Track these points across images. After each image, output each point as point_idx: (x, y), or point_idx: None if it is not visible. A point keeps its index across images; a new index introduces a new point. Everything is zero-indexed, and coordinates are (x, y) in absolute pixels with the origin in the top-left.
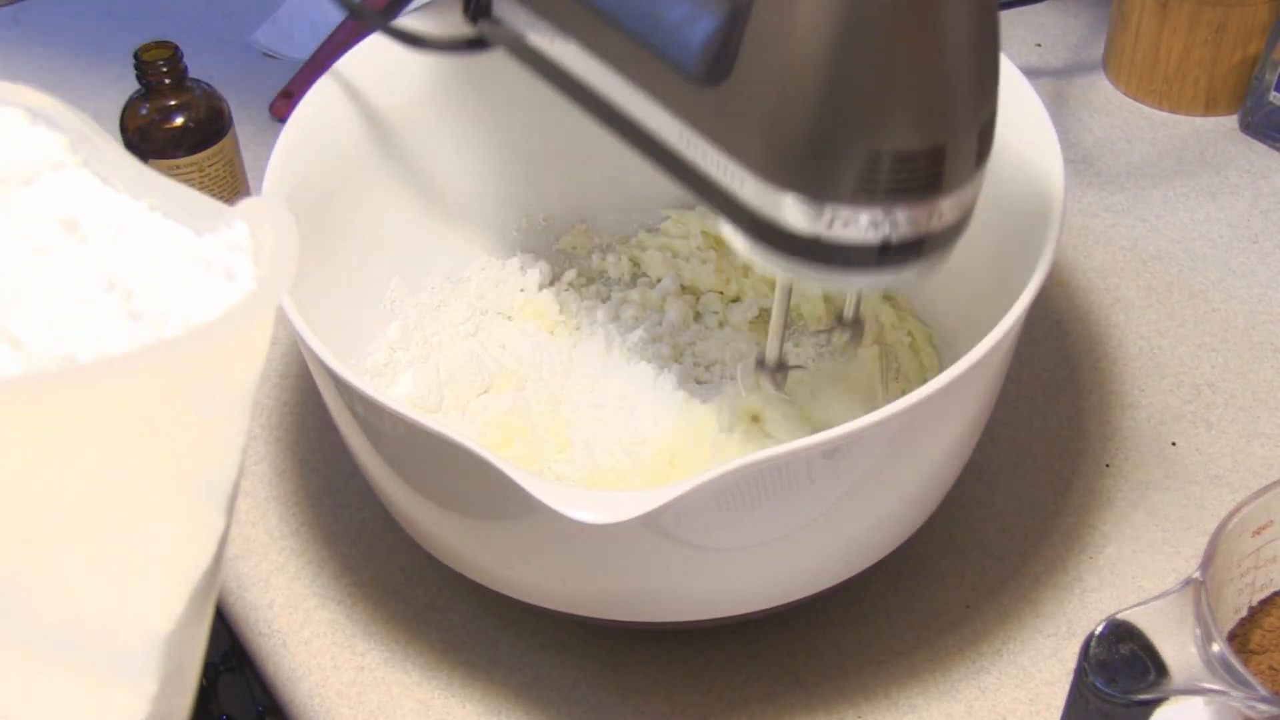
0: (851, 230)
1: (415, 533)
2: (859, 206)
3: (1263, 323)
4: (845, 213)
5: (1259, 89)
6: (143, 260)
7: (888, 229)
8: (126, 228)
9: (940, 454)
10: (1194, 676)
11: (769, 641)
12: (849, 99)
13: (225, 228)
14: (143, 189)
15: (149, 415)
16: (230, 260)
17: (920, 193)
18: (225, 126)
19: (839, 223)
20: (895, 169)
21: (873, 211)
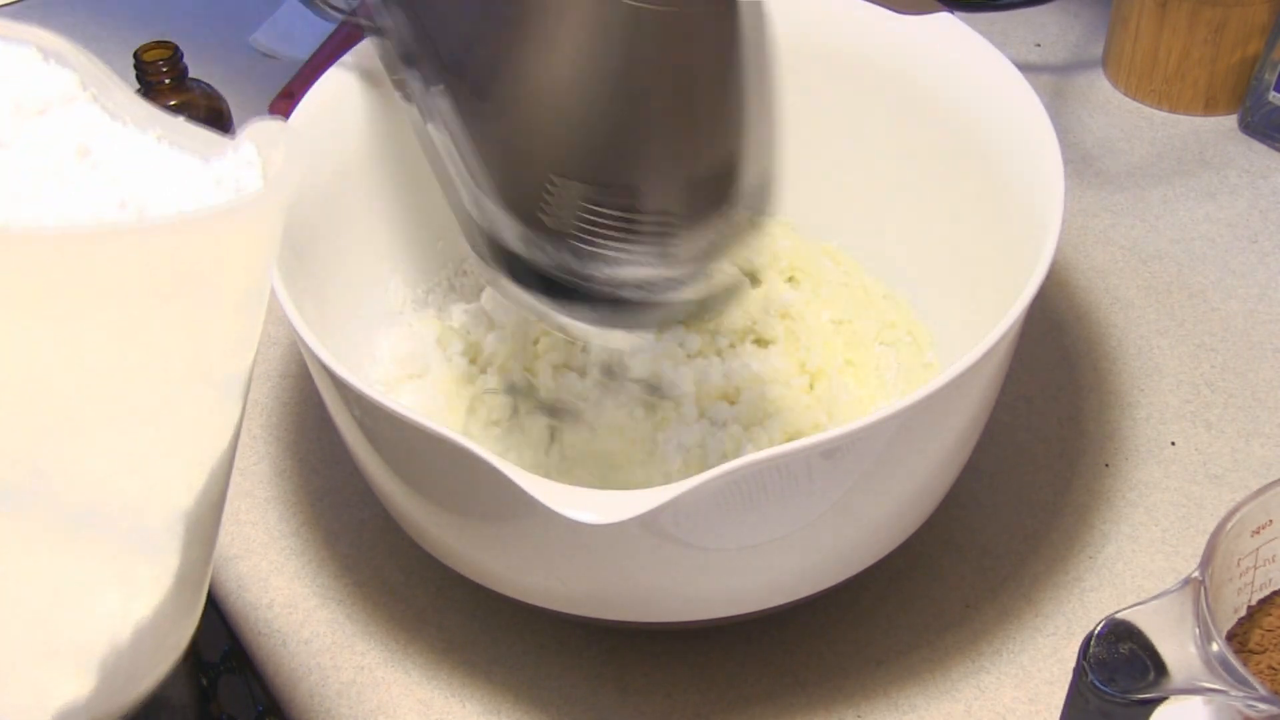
0: (544, 256)
1: (415, 533)
2: (543, 234)
3: (1262, 322)
4: (538, 236)
5: (1258, 89)
6: (153, 182)
7: (575, 265)
8: (136, 155)
9: (940, 454)
10: (1193, 676)
11: (769, 641)
12: (540, 122)
13: (233, 152)
14: (149, 122)
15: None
16: (240, 175)
17: (608, 234)
18: (225, 127)
19: (534, 245)
20: (584, 204)
21: (559, 242)
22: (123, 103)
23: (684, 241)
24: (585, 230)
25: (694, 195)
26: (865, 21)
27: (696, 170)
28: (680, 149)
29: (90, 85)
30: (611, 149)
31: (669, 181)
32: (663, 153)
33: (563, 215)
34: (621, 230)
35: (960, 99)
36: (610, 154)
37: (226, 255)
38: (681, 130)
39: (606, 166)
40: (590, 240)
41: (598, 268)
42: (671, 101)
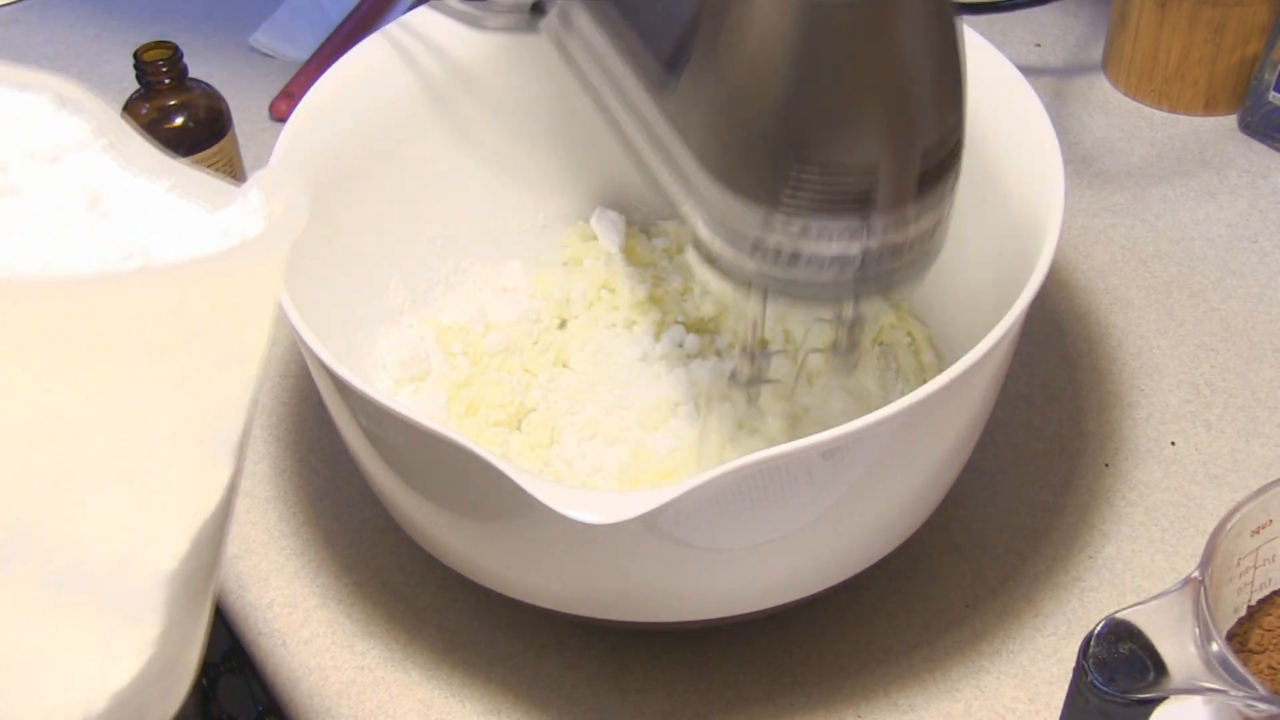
0: (785, 236)
1: (415, 533)
2: (788, 214)
3: (1262, 322)
4: (778, 216)
5: (1258, 89)
6: (161, 233)
7: (819, 241)
8: (146, 205)
9: (940, 454)
10: (1193, 675)
11: (769, 641)
12: (775, 108)
13: (241, 199)
14: (161, 172)
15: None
16: (246, 225)
17: (845, 208)
18: (225, 126)
19: (774, 227)
20: (821, 181)
21: (803, 221)
22: (136, 152)
23: (915, 217)
24: (824, 209)
25: (926, 170)
26: None
27: (929, 145)
28: (913, 124)
29: (104, 134)
30: (851, 132)
31: (906, 158)
32: (898, 130)
33: (803, 198)
34: (858, 206)
35: None
36: (850, 137)
37: (223, 304)
38: (912, 105)
39: (848, 148)
40: (828, 217)
41: (830, 244)
42: (899, 80)
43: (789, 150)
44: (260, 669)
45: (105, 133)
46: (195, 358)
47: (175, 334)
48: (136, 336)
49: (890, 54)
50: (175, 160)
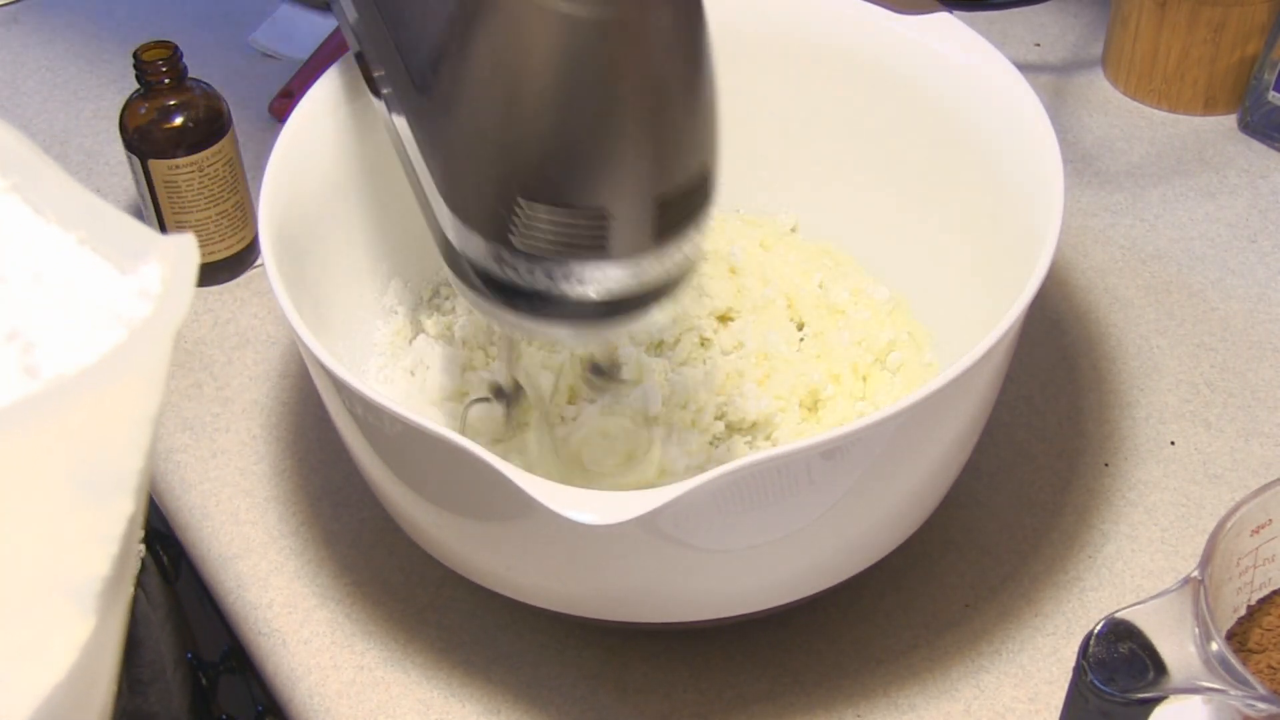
0: (516, 275)
1: (414, 533)
2: (516, 251)
3: (1261, 322)
4: (506, 253)
5: (1258, 88)
6: (53, 306)
7: (546, 282)
8: (45, 266)
9: (940, 454)
10: (1193, 675)
11: (769, 641)
12: (505, 139)
13: (143, 267)
14: (75, 218)
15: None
16: (134, 312)
17: (581, 253)
18: (225, 126)
19: (504, 263)
20: (550, 221)
21: (531, 261)
22: (50, 191)
23: (657, 259)
24: (556, 250)
25: (665, 213)
26: (865, 21)
27: (668, 188)
28: (648, 167)
29: (13, 172)
30: (576, 170)
31: (639, 202)
32: (630, 172)
33: (532, 236)
34: (592, 249)
35: (960, 99)
36: (576, 175)
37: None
38: (648, 146)
39: (573, 189)
40: (561, 259)
41: (570, 285)
42: (633, 115)
43: (515, 186)
44: (260, 669)
45: (13, 170)
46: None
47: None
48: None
49: (632, 79)
50: (91, 198)
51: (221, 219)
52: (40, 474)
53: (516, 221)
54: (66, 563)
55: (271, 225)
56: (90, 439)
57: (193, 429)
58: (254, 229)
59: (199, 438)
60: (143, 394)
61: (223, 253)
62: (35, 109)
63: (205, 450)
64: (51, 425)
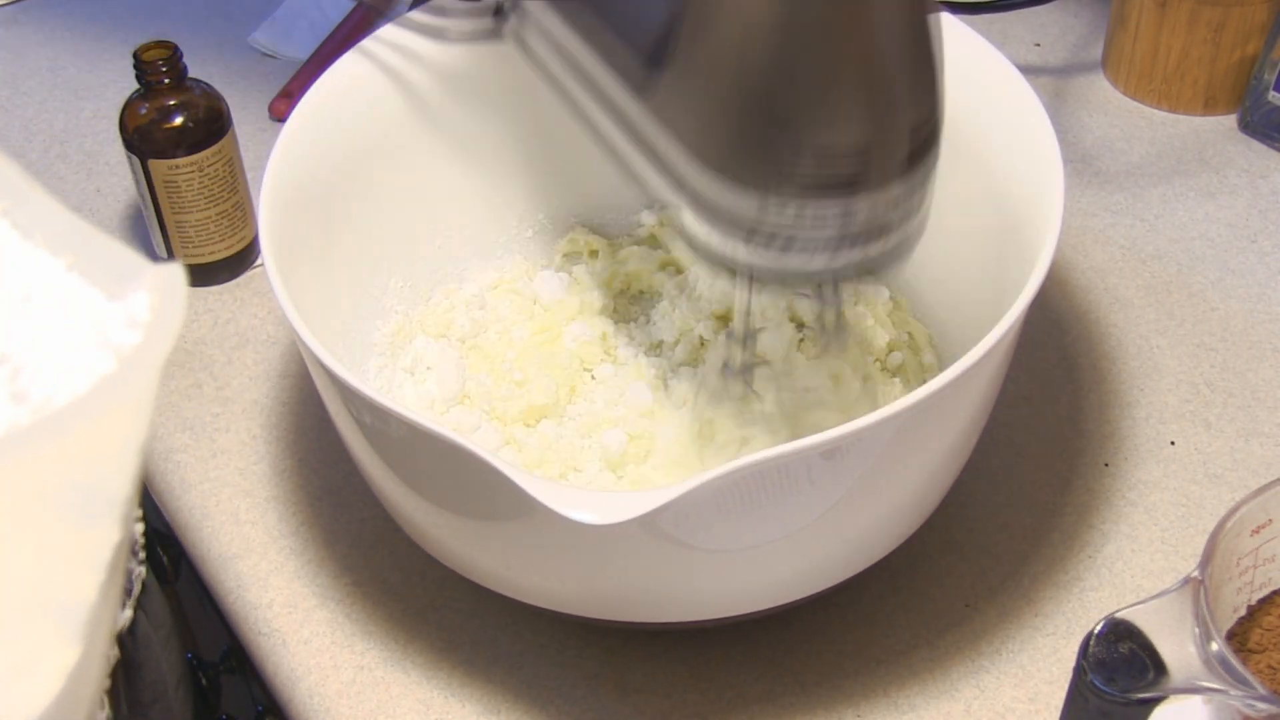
0: (778, 218)
1: (414, 533)
2: (782, 196)
3: (1261, 322)
4: (772, 204)
5: (1258, 88)
6: (41, 332)
7: (812, 223)
8: (33, 291)
9: (940, 454)
10: (1193, 675)
11: (769, 641)
12: (766, 91)
13: (133, 295)
14: (63, 243)
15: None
16: (122, 340)
17: (838, 189)
18: (225, 126)
19: (768, 209)
20: (814, 163)
21: (797, 202)
22: (38, 215)
23: (903, 197)
24: (824, 189)
25: (913, 149)
26: None
27: (915, 122)
28: (907, 100)
29: (2, 196)
30: (844, 115)
31: (898, 134)
32: (894, 107)
33: (796, 183)
34: (848, 188)
35: (960, 99)
36: (844, 120)
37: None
38: (906, 82)
39: (842, 132)
40: (820, 200)
41: (828, 222)
42: (882, 58)
43: (782, 136)
44: (260, 669)
45: (2, 194)
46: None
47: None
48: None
49: (870, 31)
50: (79, 223)
51: (221, 219)
52: (31, 500)
53: (784, 169)
54: (55, 589)
55: (271, 225)
56: (80, 466)
57: (193, 429)
58: (254, 229)
59: (199, 438)
60: (131, 422)
61: (223, 253)
62: (35, 109)
63: (205, 450)
64: (43, 453)
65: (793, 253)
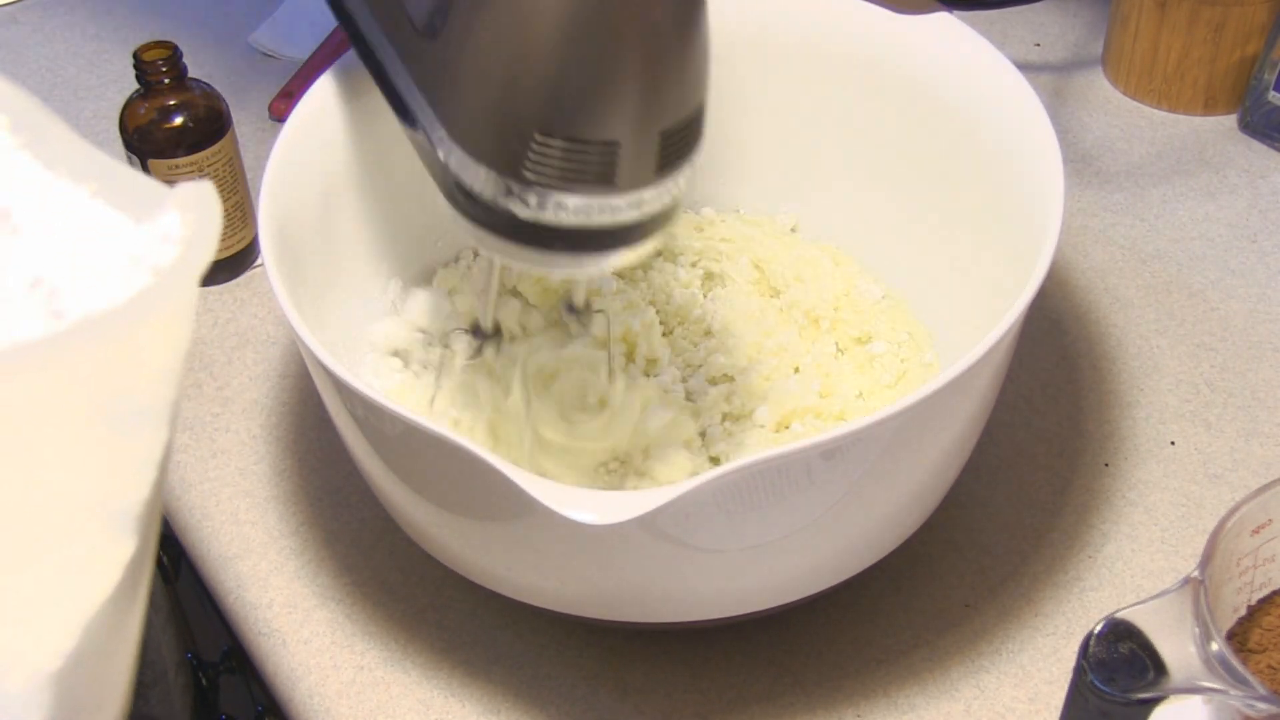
0: (524, 208)
1: (414, 533)
2: (528, 184)
3: (1261, 322)
4: (517, 187)
5: (1258, 88)
6: (73, 254)
7: (554, 213)
8: (62, 217)
9: (940, 454)
10: (1193, 675)
11: (769, 641)
12: (524, 77)
13: (161, 215)
14: (86, 173)
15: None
16: (159, 255)
17: (589, 186)
18: (225, 126)
19: (513, 196)
20: (564, 155)
21: (542, 193)
22: (59, 149)
23: (657, 190)
24: (567, 182)
25: (667, 146)
26: (865, 21)
27: (671, 123)
28: (657, 102)
29: (22, 130)
30: (593, 106)
31: (646, 135)
32: (641, 107)
33: (544, 169)
34: (600, 181)
35: (960, 99)
36: (592, 111)
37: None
38: (657, 82)
39: (588, 123)
40: (570, 190)
41: (574, 215)
42: (645, 53)
43: (532, 121)
44: (260, 669)
45: (23, 129)
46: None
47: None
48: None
49: (641, 19)
50: (100, 156)
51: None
52: (80, 405)
53: (530, 155)
54: (108, 487)
55: (271, 225)
56: (126, 372)
57: (193, 429)
58: (254, 229)
59: (199, 438)
60: (175, 329)
61: (223, 253)
62: None
63: (205, 450)
64: (89, 360)
65: (534, 235)
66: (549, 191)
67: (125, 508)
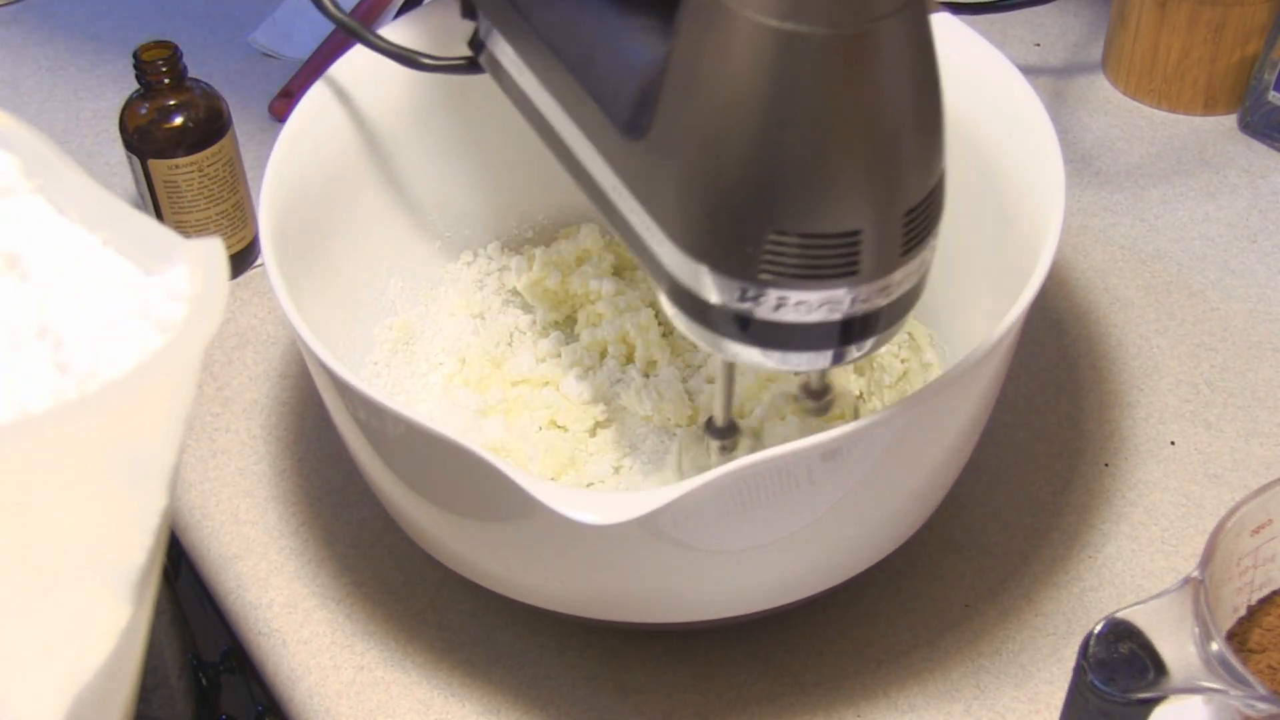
0: (760, 308)
1: (414, 533)
2: (764, 285)
3: (1261, 322)
4: (752, 289)
5: (1258, 88)
6: (81, 304)
7: (797, 312)
8: (71, 265)
9: (940, 454)
10: (1193, 675)
11: (769, 641)
12: (752, 173)
13: (170, 269)
14: (98, 219)
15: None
16: (165, 311)
17: (832, 278)
18: (224, 126)
19: (747, 299)
20: (803, 251)
21: (781, 292)
22: (72, 192)
23: (903, 272)
24: (808, 278)
25: (911, 226)
26: None
27: (915, 201)
28: (900, 183)
29: (36, 173)
30: (830, 195)
31: (891, 219)
32: (884, 191)
33: (782, 267)
34: (845, 273)
35: (960, 99)
36: (830, 201)
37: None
38: (898, 163)
39: (827, 215)
40: (808, 286)
41: (817, 310)
42: (884, 134)
43: (766, 220)
44: (260, 669)
45: (37, 172)
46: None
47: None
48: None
49: (873, 97)
50: (114, 201)
51: (221, 219)
52: (85, 467)
53: (767, 255)
54: (107, 551)
55: (271, 225)
56: (129, 436)
57: (193, 429)
58: (254, 229)
59: (199, 438)
60: (177, 394)
61: None
62: (35, 109)
63: (205, 450)
64: (95, 423)
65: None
66: (789, 291)
67: (122, 571)
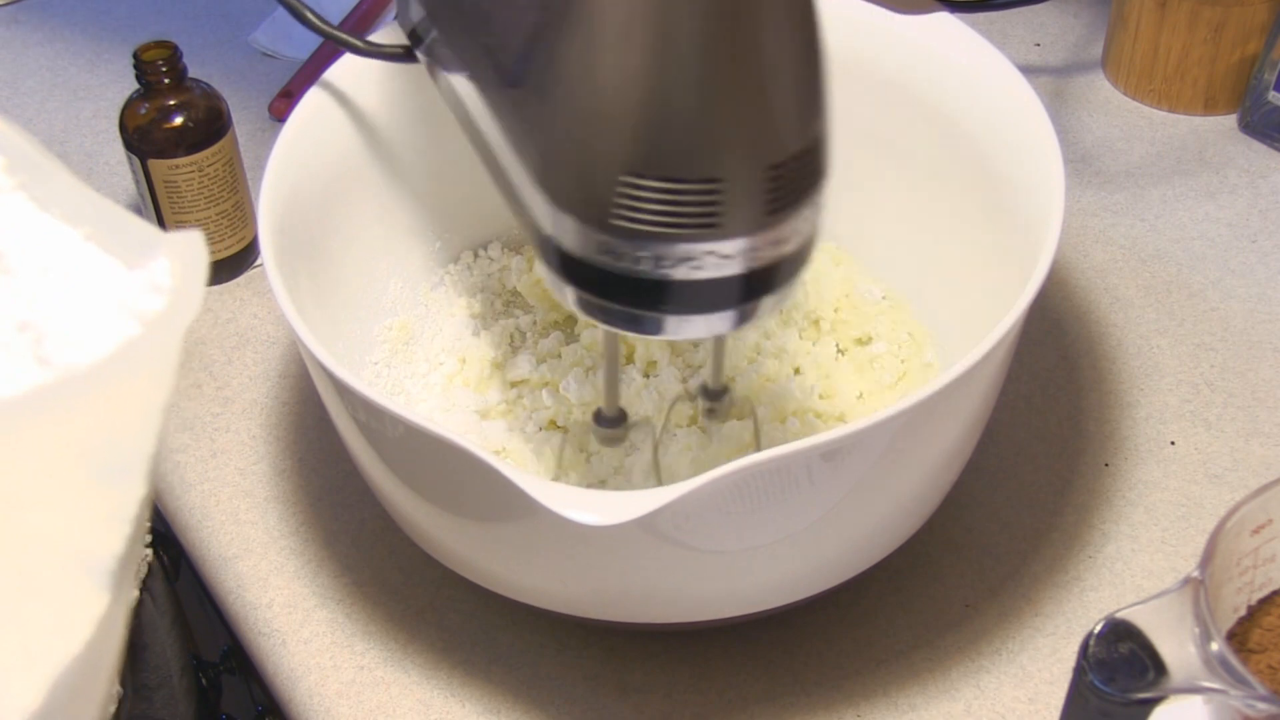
0: (620, 261)
1: (414, 533)
2: (620, 235)
3: (1261, 322)
4: (611, 239)
5: (1258, 88)
6: (62, 298)
7: (653, 266)
8: (53, 260)
9: (940, 454)
10: (1193, 675)
11: (769, 641)
12: (609, 110)
13: (151, 263)
14: (80, 215)
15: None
16: (147, 303)
17: (690, 231)
18: (224, 126)
19: (606, 251)
20: (658, 197)
21: (635, 243)
22: (56, 190)
23: (769, 236)
24: (664, 227)
25: (778, 184)
26: (865, 21)
27: (781, 156)
28: (761, 132)
29: (19, 170)
30: (686, 139)
31: (752, 170)
32: (743, 138)
33: (639, 215)
34: (702, 225)
35: (960, 99)
36: (686, 145)
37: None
38: (761, 110)
39: (683, 160)
40: (669, 238)
41: (677, 267)
42: (746, 78)
43: (619, 162)
44: (260, 669)
45: (20, 169)
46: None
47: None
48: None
49: (742, 40)
50: (96, 197)
51: (221, 219)
52: (61, 457)
53: (621, 201)
54: (84, 541)
55: (271, 225)
56: (107, 425)
57: (193, 429)
58: (254, 229)
59: (199, 438)
60: (157, 384)
61: (223, 253)
62: (35, 109)
63: (205, 450)
64: (72, 412)
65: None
66: (645, 241)
67: (100, 561)
